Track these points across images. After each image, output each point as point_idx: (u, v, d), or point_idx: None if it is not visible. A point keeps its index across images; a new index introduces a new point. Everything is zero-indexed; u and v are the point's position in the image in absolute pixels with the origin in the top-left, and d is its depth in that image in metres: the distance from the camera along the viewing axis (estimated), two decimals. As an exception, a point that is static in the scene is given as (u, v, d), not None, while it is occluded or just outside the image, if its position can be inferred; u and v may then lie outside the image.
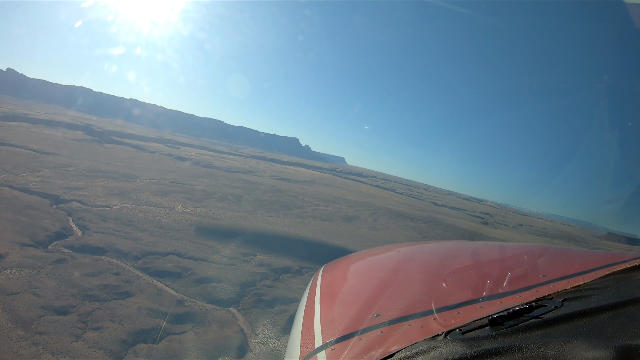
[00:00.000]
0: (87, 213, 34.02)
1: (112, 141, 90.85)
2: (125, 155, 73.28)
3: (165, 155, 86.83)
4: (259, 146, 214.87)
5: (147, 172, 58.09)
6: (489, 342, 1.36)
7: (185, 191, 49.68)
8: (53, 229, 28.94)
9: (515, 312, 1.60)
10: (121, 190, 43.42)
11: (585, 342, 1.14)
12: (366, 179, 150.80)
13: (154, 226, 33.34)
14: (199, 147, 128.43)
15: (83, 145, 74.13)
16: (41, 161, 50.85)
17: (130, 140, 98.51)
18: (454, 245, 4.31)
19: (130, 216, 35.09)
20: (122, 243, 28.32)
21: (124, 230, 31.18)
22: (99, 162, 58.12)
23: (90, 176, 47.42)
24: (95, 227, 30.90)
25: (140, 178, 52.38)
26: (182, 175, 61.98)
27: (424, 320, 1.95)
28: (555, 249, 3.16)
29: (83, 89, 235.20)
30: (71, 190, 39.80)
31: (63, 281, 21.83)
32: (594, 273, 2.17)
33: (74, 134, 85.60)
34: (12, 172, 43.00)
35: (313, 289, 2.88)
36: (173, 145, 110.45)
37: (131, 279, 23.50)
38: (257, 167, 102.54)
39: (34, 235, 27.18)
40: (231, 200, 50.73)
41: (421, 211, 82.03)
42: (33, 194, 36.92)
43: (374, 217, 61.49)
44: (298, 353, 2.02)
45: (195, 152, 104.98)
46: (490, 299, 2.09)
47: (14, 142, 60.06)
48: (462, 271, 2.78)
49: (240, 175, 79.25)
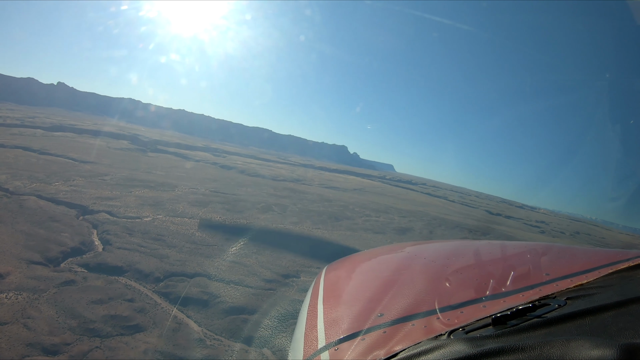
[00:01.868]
0: (113, 226, 31.08)
1: (156, 150, 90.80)
2: (168, 164, 71.93)
3: (209, 164, 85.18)
4: (307, 154, 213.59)
5: (187, 181, 55.54)
6: (493, 342, 1.37)
7: (226, 201, 46.23)
8: (70, 244, 25.94)
9: (518, 311, 1.60)
10: (156, 200, 40.58)
11: (589, 340, 1.15)
12: (416, 187, 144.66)
13: (185, 241, 29.70)
14: (245, 155, 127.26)
15: (125, 154, 73.74)
16: (78, 170, 49.57)
17: (175, 149, 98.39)
18: (457, 245, 4.34)
19: (161, 229, 31.78)
20: (145, 261, 24.75)
21: (151, 245, 27.73)
22: (138, 171, 56.44)
23: (126, 185, 45.21)
24: (118, 242, 27.69)
25: (179, 187, 49.69)
26: (224, 184, 59.02)
27: (427, 319, 1.99)
28: (558, 247, 3.31)
29: (132, 100, 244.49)
30: (102, 200, 37.35)
31: (64, 309, 18.27)
32: (597, 272, 2.17)
33: (118, 144, 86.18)
34: (44, 181, 41.50)
35: (316, 289, 2.88)
36: (219, 154, 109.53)
37: (147, 307, 19.59)
38: (305, 175, 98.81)
39: (47, 251, 24.20)
40: (276, 211, 46.66)
41: (477, 221, 76.23)
42: (60, 204, 34.73)
43: (429, 229, 55.72)
44: (301, 353, 2.05)
45: (242, 161, 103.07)
46: (494, 298, 2.12)
47: (54, 151, 59.98)
48: (465, 270, 2.81)
49: (287, 183, 75.66)
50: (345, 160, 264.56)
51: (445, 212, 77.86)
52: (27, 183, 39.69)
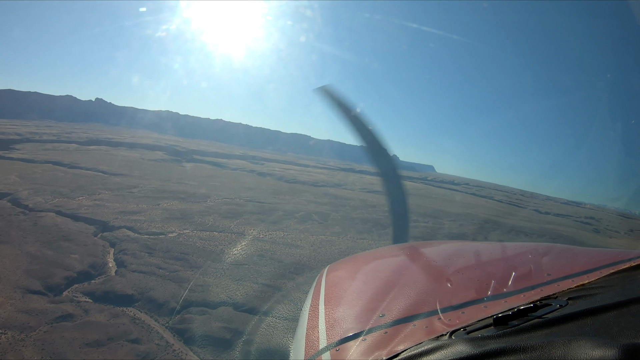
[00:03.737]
0: (133, 244, 27.97)
1: (192, 160, 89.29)
2: (203, 173, 69.57)
3: (246, 172, 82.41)
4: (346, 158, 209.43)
5: (221, 190, 52.45)
6: (494, 342, 1.37)
7: (262, 211, 42.55)
8: (78, 268, 22.86)
9: (519, 312, 1.60)
10: (184, 213, 37.44)
11: (590, 341, 1.16)
12: (460, 187, 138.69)
13: (212, 259, 26.02)
14: (283, 162, 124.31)
15: (159, 165, 72.14)
16: (105, 183, 47.59)
17: (212, 158, 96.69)
18: (458, 245, 4.33)
19: (186, 246, 28.36)
20: (161, 287, 21.20)
21: (171, 267, 24.26)
22: (170, 182, 54.03)
23: (154, 197, 42.52)
24: (135, 264, 24.41)
25: (212, 197, 46.60)
26: (260, 192, 55.53)
27: (429, 320, 1.98)
28: (559, 247, 3.19)
29: (170, 112, 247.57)
30: (125, 215, 34.56)
31: (51, 355, 14.80)
32: (599, 272, 2.17)
33: (153, 155, 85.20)
34: (68, 195, 39.45)
35: (317, 290, 2.86)
36: (257, 161, 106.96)
37: (154, 350, 15.79)
38: (346, 179, 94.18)
39: (49, 277, 21.15)
40: (316, 220, 42.44)
41: (529, 222, 70.06)
42: (79, 220, 32.18)
43: (483, 234, 50.59)
44: (303, 354, 2.06)
45: (280, 167, 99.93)
46: (495, 298, 2.12)
47: (84, 164, 58.84)
48: (466, 271, 2.80)
49: (327, 189, 71.47)
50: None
51: (494, 214, 73.20)
52: (49, 198, 37.72)
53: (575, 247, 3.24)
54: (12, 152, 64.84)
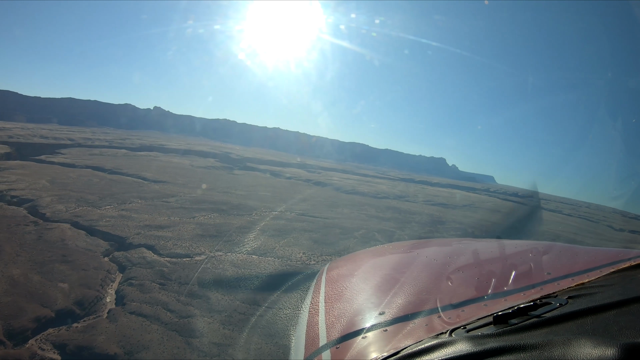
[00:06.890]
0: (146, 269, 22.46)
1: (245, 167, 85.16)
2: (254, 182, 64.52)
3: (302, 181, 76.54)
4: (404, 168, 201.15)
5: (270, 201, 46.63)
6: (494, 340, 1.38)
7: (314, 228, 35.99)
8: (61, 303, 17.45)
9: (519, 310, 1.62)
10: (220, 228, 31.75)
11: (590, 340, 1.18)
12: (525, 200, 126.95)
13: (242, 300, 19.67)
14: (342, 171, 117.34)
15: (207, 173, 68.19)
16: (142, 190, 43.37)
17: (267, 166, 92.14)
18: (459, 244, 4.32)
19: (212, 275, 22.43)
20: (158, 346, 15.12)
21: (184, 308, 18.26)
22: (214, 191, 49.13)
23: (191, 209, 37.40)
24: (137, 301, 18.69)
25: (258, 210, 40.80)
26: (316, 204, 49.14)
27: (429, 318, 2.02)
28: (560, 246, 3.32)
29: (227, 121, 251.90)
30: (150, 229, 29.41)
31: None
32: (599, 271, 2.20)
33: (204, 162, 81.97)
34: (94, 204, 35.23)
35: (317, 288, 2.93)
36: (314, 170, 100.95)
37: None
38: (407, 190, 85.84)
39: (17, 316, 15.84)
40: (379, 240, 35.01)
41: (610, 241, 60.27)
42: (94, 235, 27.39)
43: None
44: (302, 352, 2.09)
45: (338, 177, 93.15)
46: (495, 297, 2.16)
47: (126, 170, 55.66)
48: (467, 269, 2.87)
49: (389, 201, 63.75)
50: (444, 172, 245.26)
51: (572, 231, 64.02)
52: (71, 207, 33.58)
53: (575, 246, 3.33)
54: (56, 156, 63.47)
